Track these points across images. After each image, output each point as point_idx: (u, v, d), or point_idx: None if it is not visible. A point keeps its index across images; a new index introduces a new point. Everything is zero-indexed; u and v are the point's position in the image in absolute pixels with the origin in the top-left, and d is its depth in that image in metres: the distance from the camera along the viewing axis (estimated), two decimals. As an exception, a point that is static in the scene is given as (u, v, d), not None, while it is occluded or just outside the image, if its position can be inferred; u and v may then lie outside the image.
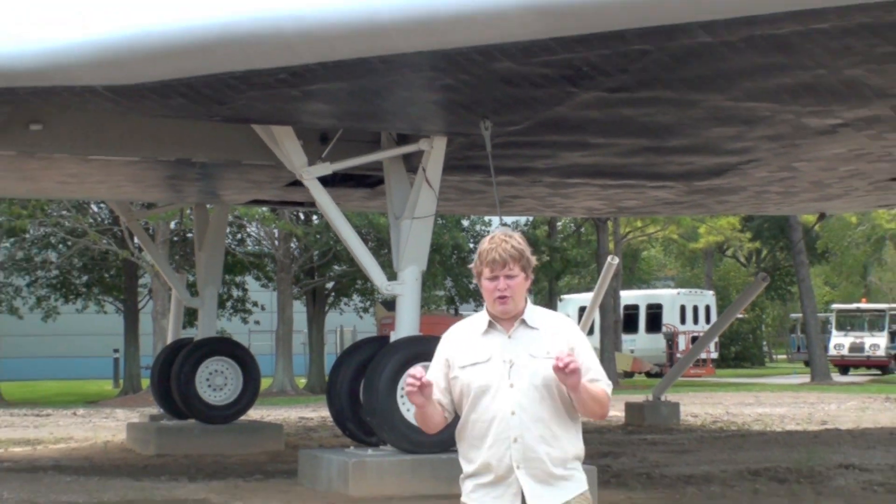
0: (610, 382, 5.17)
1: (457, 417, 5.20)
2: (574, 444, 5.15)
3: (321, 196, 15.33)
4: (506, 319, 5.09)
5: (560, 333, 5.15)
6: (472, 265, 5.39)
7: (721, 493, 15.01)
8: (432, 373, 5.28)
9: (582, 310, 35.63)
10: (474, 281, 5.67)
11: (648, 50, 12.27)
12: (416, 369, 4.94)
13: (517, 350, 5.06)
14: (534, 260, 5.26)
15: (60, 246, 38.44)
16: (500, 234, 5.25)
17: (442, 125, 15.21)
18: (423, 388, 4.99)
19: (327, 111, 14.99)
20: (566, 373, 4.79)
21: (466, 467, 5.23)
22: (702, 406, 30.51)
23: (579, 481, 5.13)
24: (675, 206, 25.04)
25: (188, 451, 19.89)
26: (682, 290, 51.34)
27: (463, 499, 5.26)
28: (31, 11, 13.91)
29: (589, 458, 12.49)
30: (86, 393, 40.09)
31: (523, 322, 5.11)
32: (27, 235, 37.17)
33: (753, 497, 14.81)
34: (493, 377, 5.06)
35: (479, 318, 5.21)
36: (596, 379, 5.10)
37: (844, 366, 48.95)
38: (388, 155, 15.82)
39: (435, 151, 15.35)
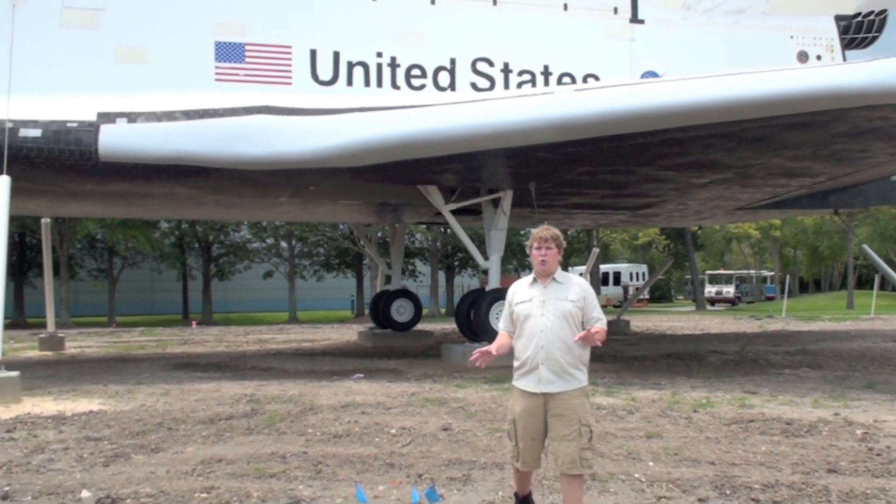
0: (605, 319, 5.62)
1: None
2: (581, 354, 5.49)
3: (452, 220, 17.26)
4: (543, 276, 5.58)
5: (577, 287, 5.55)
6: (527, 242, 5.75)
7: (651, 365, 16.80)
8: (505, 309, 5.79)
9: (580, 275, 40.76)
10: (528, 256, 6.36)
11: (612, 146, 14.13)
12: (477, 352, 5.56)
13: (548, 295, 5.51)
14: (563, 242, 5.70)
15: (325, 245, 49.77)
16: (545, 225, 5.76)
17: (510, 184, 17.01)
18: (484, 356, 5.54)
19: (454, 178, 16.73)
20: (586, 340, 5.36)
21: (514, 362, 5.63)
22: (641, 322, 33.61)
23: (581, 380, 5.50)
24: (626, 223, 27.49)
25: (387, 345, 22.65)
26: (631, 265, 62.88)
27: (513, 381, 5.67)
28: (306, 130, 14.58)
29: None
30: (338, 317, 48.71)
31: (554, 279, 5.56)
32: (309, 239, 48.64)
33: (667, 367, 16.47)
34: (533, 309, 5.51)
35: (528, 277, 5.72)
36: (599, 318, 5.53)
37: (713, 302, 60.76)
38: (484, 199, 17.47)
39: (507, 197, 17.14)
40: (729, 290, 61.67)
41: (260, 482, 7.17)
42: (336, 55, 15.96)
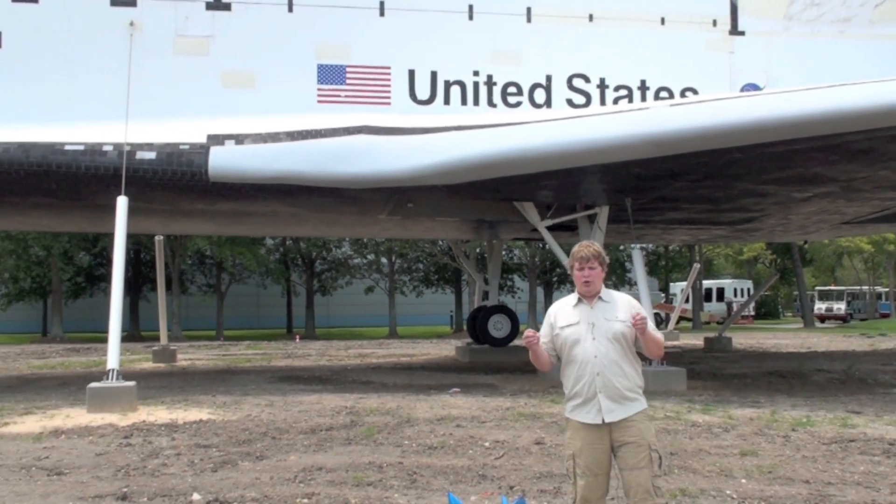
0: (661, 333, 5.28)
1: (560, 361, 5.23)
2: (636, 376, 5.11)
3: (547, 236, 17.35)
4: (588, 297, 5.16)
5: (625, 304, 5.16)
6: (567, 261, 5.37)
7: (751, 383, 16.59)
8: (543, 331, 5.29)
9: (681, 290, 40.92)
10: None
11: (709, 160, 14.08)
12: (530, 331, 5.12)
13: (597, 316, 5.09)
14: (607, 259, 5.25)
15: (424, 261, 50.15)
16: (586, 242, 5.27)
17: (606, 200, 17.01)
18: (535, 341, 5.13)
19: (550, 194, 16.84)
20: (638, 322, 4.97)
21: (567, 393, 5.20)
22: (744, 340, 32.89)
23: (642, 402, 5.12)
24: (726, 238, 27.39)
25: (484, 360, 22.76)
26: (735, 280, 61.18)
27: (566, 414, 5.23)
28: (405, 149, 14.88)
29: (681, 364, 15.77)
30: (437, 332, 49.34)
31: (600, 298, 5.15)
32: (409, 255, 49.32)
33: (768, 384, 16.26)
34: (582, 333, 5.06)
35: (572, 297, 5.28)
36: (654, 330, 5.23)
37: (822, 319, 59.17)
38: (580, 215, 17.42)
39: (603, 213, 17.17)
40: (840, 307, 59.82)
41: (357, 490, 7.47)
42: (433, 75, 16.29)
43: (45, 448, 9.51)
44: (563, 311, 5.20)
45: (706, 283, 57.48)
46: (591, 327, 5.03)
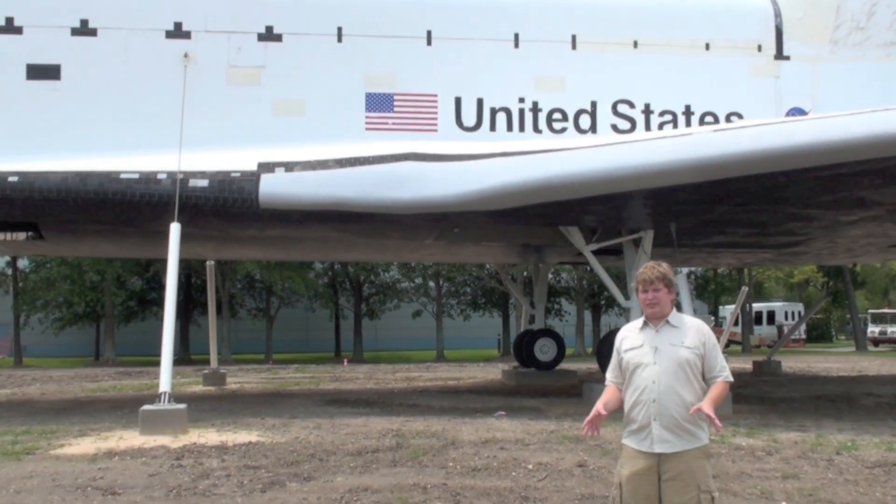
0: (729, 372, 4.98)
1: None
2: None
3: (592, 260, 17.37)
4: (654, 320, 5.00)
5: (694, 331, 4.96)
6: (632, 283, 5.27)
7: (799, 407, 16.50)
8: (613, 357, 5.19)
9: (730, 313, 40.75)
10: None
11: (752, 185, 14.07)
12: (584, 426, 5.00)
13: (661, 340, 4.92)
14: (674, 280, 5.08)
15: (471, 284, 50.43)
16: (651, 263, 5.13)
17: (651, 224, 16.99)
18: (594, 424, 4.96)
19: (594, 219, 16.86)
20: (705, 415, 4.68)
21: (624, 418, 5.04)
22: (794, 363, 32.74)
23: (702, 437, 4.85)
24: (773, 261, 27.25)
25: (530, 383, 22.87)
26: (786, 303, 59.98)
27: (622, 440, 5.07)
28: (451, 175, 14.98)
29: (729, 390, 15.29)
30: (484, 355, 49.69)
31: (667, 322, 4.98)
32: (456, 279, 49.19)
33: (815, 408, 16.16)
34: (644, 357, 4.91)
35: (639, 321, 5.14)
36: (723, 369, 4.91)
37: (876, 342, 56.86)
38: (625, 239, 17.36)
39: (648, 237, 17.12)
40: (893, 330, 58.45)
41: (402, 510, 7.73)
42: (480, 102, 16.53)
43: (100, 469, 9.79)
44: (629, 335, 5.08)
45: (756, 306, 56.85)
46: (655, 351, 4.89)
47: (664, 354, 4.86)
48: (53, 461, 10.40)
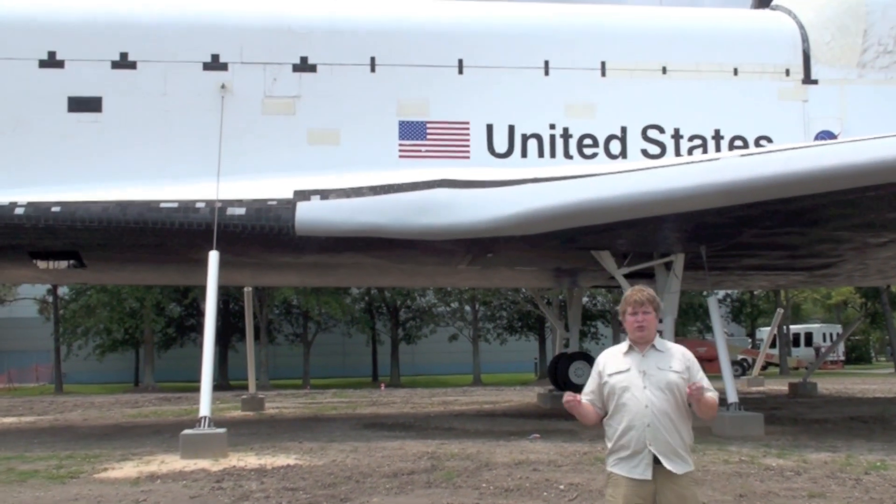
0: (715, 392, 4.97)
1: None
2: (687, 433, 4.86)
3: (624, 283, 17.29)
4: (641, 344, 4.96)
5: (680, 355, 4.94)
6: (619, 306, 5.09)
7: (832, 428, 16.47)
8: (589, 382, 5.14)
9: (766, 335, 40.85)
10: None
11: (780, 209, 14.23)
12: (569, 394, 4.96)
13: (649, 364, 4.87)
14: (660, 304, 5.12)
15: (507, 308, 50.52)
16: (638, 286, 5.10)
17: (681, 248, 17.09)
18: (576, 403, 4.95)
19: (625, 243, 16.99)
20: (694, 392, 4.74)
21: (611, 445, 4.93)
22: (831, 385, 32.44)
23: (690, 464, 4.86)
24: (805, 284, 27.19)
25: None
26: (824, 325, 59.30)
27: (609, 469, 4.92)
28: (484, 201, 15.17)
29: (763, 410, 15.43)
30: (521, 379, 49.22)
31: (653, 346, 4.94)
32: (492, 303, 49.49)
33: (848, 430, 16.09)
34: (632, 381, 4.85)
35: (623, 345, 5.08)
36: (707, 390, 4.85)
37: None
38: (656, 262, 17.51)
39: (679, 260, 17.19)
40: None
41: (435, 529, 7.93)
42: (511, 129, 16.82)
43: (143, 492, 10.06)
44: (613, 359, 5.00)
45: (794, 328, 56.61)
46: (643, 375, 4.82)
47: (653, 379, 4.81)
48: (97, 485, 10.71)
